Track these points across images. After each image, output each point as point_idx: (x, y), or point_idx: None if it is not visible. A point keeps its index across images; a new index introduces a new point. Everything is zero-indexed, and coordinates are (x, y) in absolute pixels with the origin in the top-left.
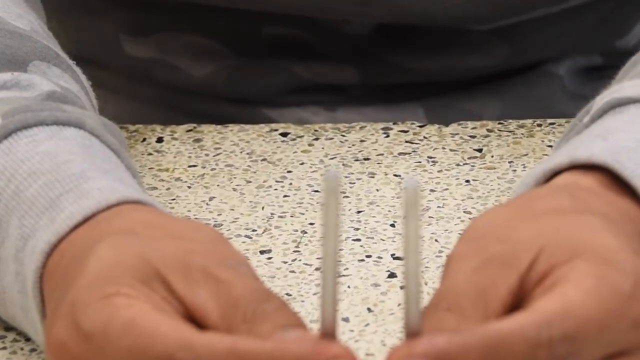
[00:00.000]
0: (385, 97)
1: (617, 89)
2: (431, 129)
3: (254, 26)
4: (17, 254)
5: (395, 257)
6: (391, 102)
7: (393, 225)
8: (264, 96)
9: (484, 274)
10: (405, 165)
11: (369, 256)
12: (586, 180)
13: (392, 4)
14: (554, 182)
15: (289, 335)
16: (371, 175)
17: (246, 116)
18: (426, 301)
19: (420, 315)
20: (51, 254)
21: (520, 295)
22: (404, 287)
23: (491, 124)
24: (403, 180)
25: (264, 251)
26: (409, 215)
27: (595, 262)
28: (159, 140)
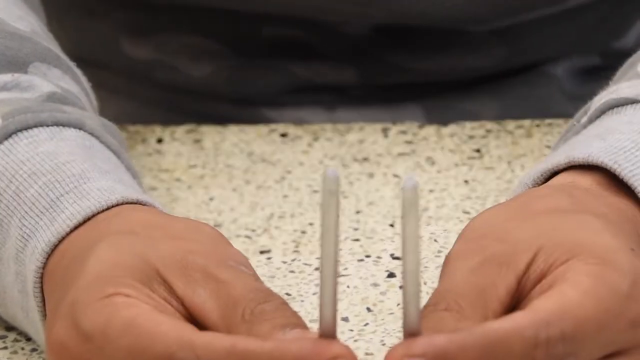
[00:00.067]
0: (385, 97)
1: (614, 89)
2: (430, 129)
3: (253, 26)
4: (18, 254)
5: (394, 257)
6: (390, 102)
7: (392, 225)
8: (263, 96)
9: (483, 273)
10: (404, 165)
11: (368, 256)
12: (584, 181)
13: (391, 4)
14: (552, 182)
15: (288, 335)
16: (370, 175)
17: (246, 116)
18: (425, 301)
19: (419, 315)
20: (51, 254)
21: (518, 294)
22: (402, 287)
23: (490, 124)
24: (402, 180)
25: (263, 251)
26: (408, 215)
27: (593, 262)
28: (159, 140)
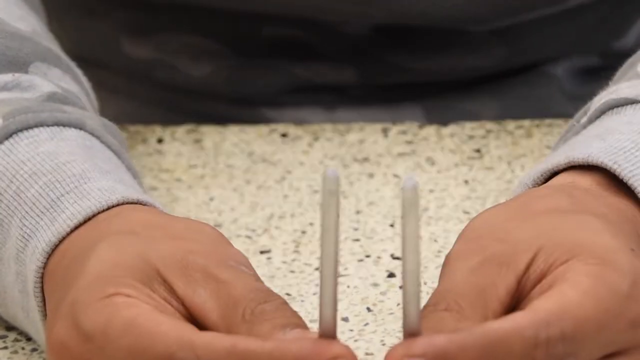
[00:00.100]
0: (385, 97)
1: (614, 90)
2: (430, 129)
3: (253, 26)
4: (18, 254)
5: (394, 257)
6: (390, 102)
7: (392, 225)
8: (263, 96)
9: (483, 273)
10: (404, 165)
11: (368, 256)
12: (584, 181)
13: (391, 4)
14: (551, 182)
15: (289, 335)
16: (370, 175)
17: (246, 116)
18: (425, 301)
19: (419, 315)
20: (52, 254)
21: (518, 295)
22: (402, 287)
23: (490, 124)
24: (402, 180)
25: (263, 251)
26: (408, 215)
27: (593, 262)
28: (159, 140)
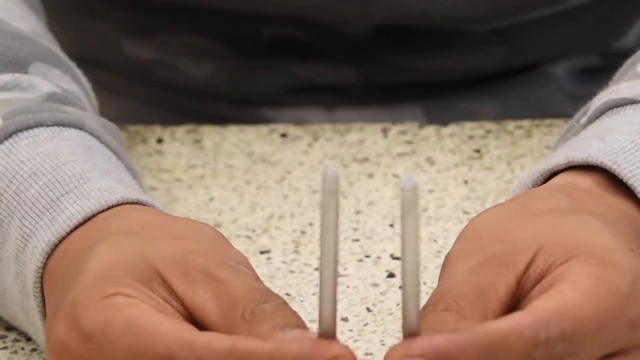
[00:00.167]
0: (385, 97)
1: (614, 90)
2: (430, 129)
3: (253, 26)
4: (18, 254)
5: (394, 257)
6: (390, 102)
7: (392, 225)
8: (263, 96)
9: (482, 274)
10: (404, 165)
11: (367, 256)
12: (583, 181)
13: (391, 4)
14: (551, 182)
15: (288, 335)
16: (370, 175)
17: (246, 116)
18: (425, 301)
19: (418, 315)
20: (52, 254)
21: (518, 295)
22: (402, 287)
23: (489, 124)
24: (402, 180)
25: (263, 251)
26: (408, 215)
27: (592, 262)
28: (159, 141)
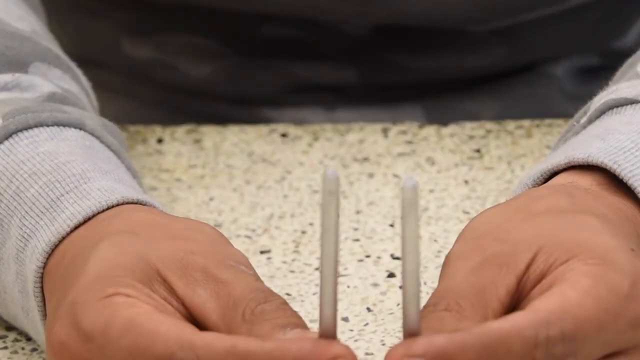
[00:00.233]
0: (385, 97)
1: (614, 90)
2: (430, 129)
3: (253, 26)
4: (18, 254)
5: (394, 257)
6: (390, 102)
7: (392, 225)
8: (263, 96)
9: (483, 273)
10: (404, 165)
11: (368, 256)
12: (584, 181)
13: (391, 4)
14: (551, 182)
15: (289, 335)
16: (370, 175)
17: (246, 116)
18: (425, 301)
19: (419, 315)
20: (52, 254)
21: (518, 295)
22: (402, 287)
23: (489, 124)
24: (402, 180)
25: (263, 251)
26: (408, 215)
27: (593, 262)
28: (159, 140)
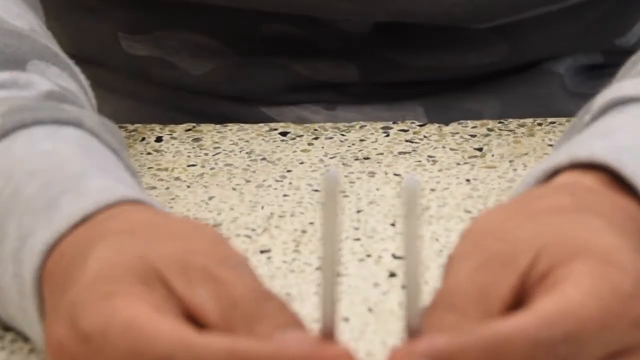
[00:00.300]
0: (386, 95)
1: (617, 87)
2: (431, 128)
3: (253, 24)
4: (16, 253)
5: (395, 257)
6: (391, 100)
7: (393, 224)
8: (263, 95)
9: (485, 273)
10: (406, 164)
11: (369, 256)
12: (586, 180)
13: (392, 3)
14: (554, 181)
15: (288, 336)
16: (371, 174)
17: (245, 115)
18: (427, 300)
19: (420, 315)
20: (50, 254)
21: (520, 294)
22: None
23: (491, 123)
24: (403, 179)
25: (263, 251)
26: (409, 214)
27: (595, 261)
28: (158, 139)
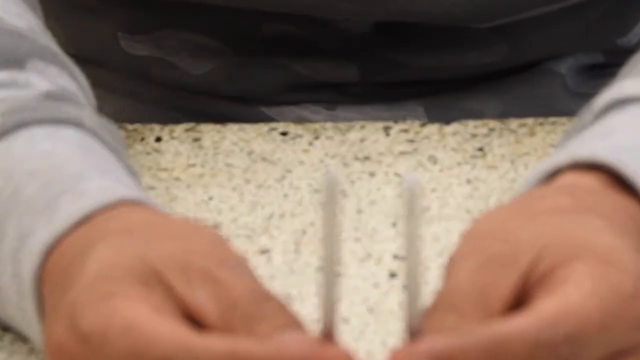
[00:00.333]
0: (386, 95)
1: (618, 88)
2: (432, 128)
3: (253, 24)
4: (15, 253)
5: (396, 257)
6: (391, 100)
7: (394, 224)
8: (263, 94)
9: (485, 274)
10: (406, 164)
11: (369, 256)
12: (587, 180)
13: (392, 3)
14: (555, 181)
15: (287, 336)
16: (372, 174)
17: (245, 115)
18: (427, 301)
19: (421, 315)
20: (49, 254)
21: (521, 295)
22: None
23: (492, 122)
24: (404, 179)
25: (264, 251)
26: (410, 214)
27: (596, 262)
28: (158, 139)
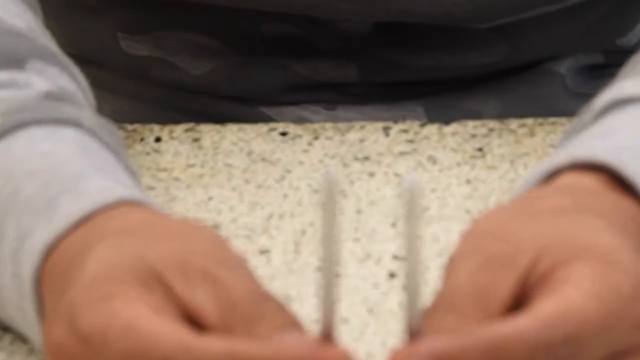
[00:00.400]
0: (385, 95)
1: (617, 88)
2: (432, 128)
3: (252, 24)
4: (15, 254)
5: (395, 257)
6: (391, 100)
7: (393, 225)
8: (263, 95)
9: (485, 274)
10: (406, 164)
11: (369, 256)
12: (587, 180)
13: (391, 4)
14: (555, 182)
15: (287, 337)
16: (371, 174)
17: (245, 115)
18: (427, 301)
19: (420, 316)
20: (49, 254)
21: (521, 295)
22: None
23: (492, 123)
24: (403, 179)
25: (263, 251)
26: (409, 215)
27: (595, 262)
28: (157, 139)
